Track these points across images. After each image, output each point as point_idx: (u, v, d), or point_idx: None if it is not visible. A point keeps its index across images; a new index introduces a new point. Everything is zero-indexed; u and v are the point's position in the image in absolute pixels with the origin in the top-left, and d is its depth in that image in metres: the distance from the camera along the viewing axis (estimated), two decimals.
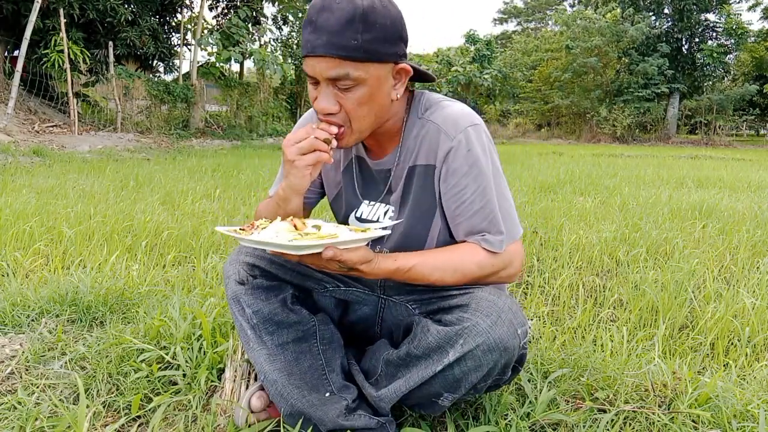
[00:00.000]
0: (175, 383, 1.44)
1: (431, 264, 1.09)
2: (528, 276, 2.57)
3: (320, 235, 0.99)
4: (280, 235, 0.98)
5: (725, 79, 27.04)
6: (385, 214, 1.23)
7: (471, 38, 25.01)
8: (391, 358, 1.16)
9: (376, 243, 1.24)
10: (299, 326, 1.20)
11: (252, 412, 1.25)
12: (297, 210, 1.15)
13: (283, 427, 1.20)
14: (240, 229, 1.04)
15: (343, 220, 1.30)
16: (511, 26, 49.34)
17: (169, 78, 15.15)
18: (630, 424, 1.30)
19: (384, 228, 1.17)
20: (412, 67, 1.08)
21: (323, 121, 1.06)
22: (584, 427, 1.26)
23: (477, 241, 1.11)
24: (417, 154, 1.15)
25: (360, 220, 1.27)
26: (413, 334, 1.13)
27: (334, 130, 1.05)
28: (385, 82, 1.04)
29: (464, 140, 1.09)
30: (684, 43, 25.23)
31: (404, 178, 1.18)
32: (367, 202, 1.25)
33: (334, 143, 1.06)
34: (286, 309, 1.19)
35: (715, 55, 23.17)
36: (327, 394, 1.16)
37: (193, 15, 14.49)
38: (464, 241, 1.14)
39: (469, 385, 1.07)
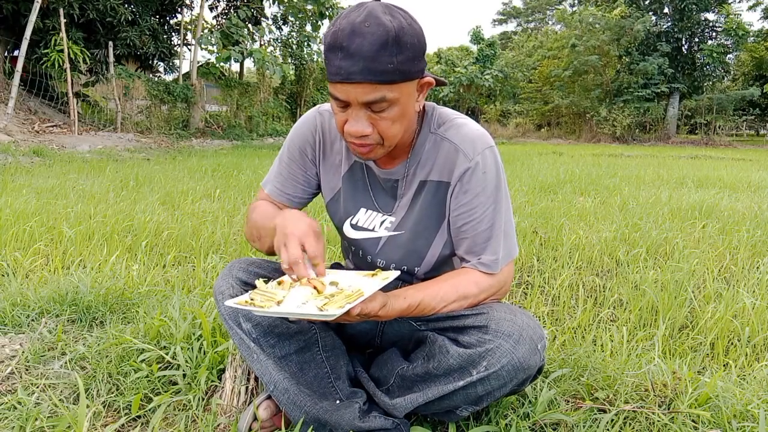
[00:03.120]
0: (175, 383, 1.44)
1: (437, 296, 1.12)
2: (528, 276, 2.57)
3: (347, 294, 1.00)
4: (308, 303, 0.99)
5: (725, 79, 27.04)
6: (381, 224, 1.23)
7: (476, 36, 25.02)
8: (407, 373, 1.17)
9: (376, 256, 1.25)
10: (300, 336, 1.19)
11: (256, 420, 1.25)
12: None
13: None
14: (250, 299, 1.04)
15: (338, 225, 1.30)
16: (510, 27, 49.38)
17: (169, 78, 15.18)
18: (630, 424, 1.29)
19: (393, 268, 1.20)
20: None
21: (355, 144, 1.05)
22: (584, 427, 1.26)
23: (474, 266, 1.16)
24: (430, 170, 1.16)
25: (355, 227, 1.27)
26: (429, 352, 1.14)
27: (318, 287, 1.00)
28: (413, 97, 1.04)
29: (481, 162, 1.12)
30: (684, 42, 25.23)
31: (413, 191, 1.19)
32: (364, 210, 1.25)
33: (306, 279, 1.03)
34: (285, 320, 1.18)
35: (715, 55, 23.18)
36: (337, 402, 1.17)
37: (194, 17, 14.50)
38: (463, 259, 1.19)
39: (491, 399, 1.11)
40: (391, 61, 0.94)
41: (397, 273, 1.11)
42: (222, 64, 14.46)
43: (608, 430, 1.26)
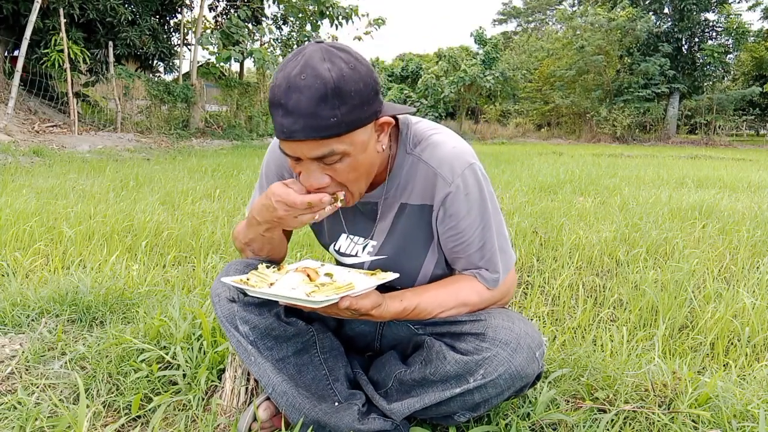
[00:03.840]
0: (175, 383, 1.44)
1: (434, 301, 1.11)
2: (528, 276, 2.57)
3: (337, 286, 1.00)
4: (297, 289, 0.98)
5: (725, 79, 27.04)
6: (364, 248, 1.22)
7: (479, 37, 25.00)
8: (404, 378, 1.16)
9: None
10: (298, 338, 1.18)
11: (256, 421, 1.24)
12: (280, 238, 1.20)
13: None
14: (246, 279, 1.04)
15: (324, 247, 1.31)
16: (511, 27, 49.31)
17: (169, 78, 15.17)
18: (630, 424, 1.29)
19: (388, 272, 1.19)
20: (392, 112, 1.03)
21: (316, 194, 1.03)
22: (584, 427, 1.26)
23: (474, 275, 1.15)
24: (410, 193, 1.13)
25: (338, 253, 1.26)
26: (427, 357, 1.13)
27: (341, 196, 1.01)
28: (370, 142, 0.99)
29: (462, 185, 1.08)
30: (684, 42, 25.21)
31: (393, 214, 1.16)
32: (345, 235, 1.24)
33: (341, 196, 1.02)
34: (282, 323, 1.16)
35: (715, 55, 23.18)
36: (335, 404, 1.16)
37: (194, 17, 14.49)
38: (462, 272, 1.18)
39: (489, 406, 1.11)
40: (333, 114, 0.89)
41: (396, 275, 1.11)
42: (222, 64, 14.45)
43: (608, 430, 1.26)
